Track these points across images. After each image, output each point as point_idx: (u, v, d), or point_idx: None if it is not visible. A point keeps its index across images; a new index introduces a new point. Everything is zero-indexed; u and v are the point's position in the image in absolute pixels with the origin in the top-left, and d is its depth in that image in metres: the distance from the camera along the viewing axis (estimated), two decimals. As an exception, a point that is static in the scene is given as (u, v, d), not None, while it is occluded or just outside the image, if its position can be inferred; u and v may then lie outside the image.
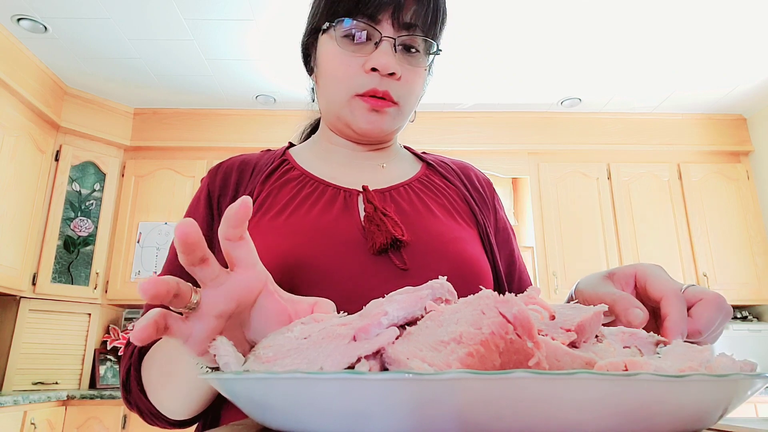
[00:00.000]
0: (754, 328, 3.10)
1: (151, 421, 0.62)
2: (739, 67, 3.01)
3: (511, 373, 0.23)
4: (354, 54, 0.65)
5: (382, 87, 0.65)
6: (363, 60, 0.65)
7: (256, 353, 0.43)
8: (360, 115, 0.67)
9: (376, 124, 0.67)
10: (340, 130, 0.72)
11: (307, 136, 0.84)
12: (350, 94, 0.66)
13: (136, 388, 0.60)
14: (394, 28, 0.65)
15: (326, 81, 0.68)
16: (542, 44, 2.81)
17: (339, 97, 0.67)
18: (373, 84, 0.65)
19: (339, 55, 0.66)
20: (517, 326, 0.29)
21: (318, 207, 0.65)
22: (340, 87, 0.66)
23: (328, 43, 0.67)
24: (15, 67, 2.76)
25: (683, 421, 0.27)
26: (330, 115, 0.71)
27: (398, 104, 0.67)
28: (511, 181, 3.62)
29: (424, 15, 0.66)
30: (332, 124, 0.73)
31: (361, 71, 0.65)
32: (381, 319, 0.34)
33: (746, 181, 3.44)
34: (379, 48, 0.64)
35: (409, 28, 0.66)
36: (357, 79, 0.65)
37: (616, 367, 0.30)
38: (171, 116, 3.48)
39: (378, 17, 0.64)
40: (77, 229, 3.14)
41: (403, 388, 0.24)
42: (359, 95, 0.66)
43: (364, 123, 0.67)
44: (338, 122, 0.70)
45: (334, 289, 0.58)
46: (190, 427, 0.65)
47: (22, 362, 2.84)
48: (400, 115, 0.69)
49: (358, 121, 0.67)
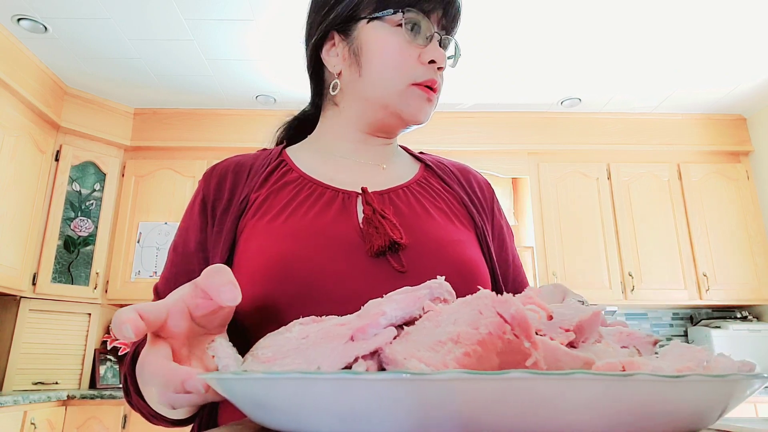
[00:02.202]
0: (753, 328, 3.10)
1: (153, 422, 0.63)
2: (739, 67, 3.01)
3: (508, 373, 0.23)
4: (410, 44, 0.67)
5: (438, 79, 0.69)
6: (419, 51, 0.67)
7: (254, 353, 0.43)
8: (415, 104, 0.68)
9: (426, 112, 0.70)
10: (378, 120, 0.71)
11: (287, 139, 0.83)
12: (407, 82, 0.67)
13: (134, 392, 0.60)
14: (439, 26, 0.69)
15: (378, 68, 0.68)
16: (542, 44, 2.81)
17: (394, 84, 0.67)
18: (431, 75, 0.67)
19: (400, 43, 0.67)
20: (515, 326, 0.29)
21: (315, 209, 0.65)
22: (397, 74, 0.67)
23: (381, 29, 0.67)
24: (15, 67, 2.76)
25: (681, 422, 0.27)
26: (372, 104, 0.70)
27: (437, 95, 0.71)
28: (511, 181, 3.62)
29: (457, 20, 0.71)
30: (368, 115, 0.71)
31: (418, 62, 0.67)
32: (379, 319, 0.34)
33: (746, 181, 3.44)
34: (432, 42, 0.68)
35: (447, 30, 0.70)
36: (416, 69, 0.67)
37: (613, 367, 0.30)
38: (171, 116, 3.48)
39: (431, 14, 0.68)
40: (77, 229, 3.14)
41: (399, 388, 0.24)
42: (416, 84, 0.67)
43: (418, 111, 0.69)
44: (382, 112, 0.70)
45: (332, 292, 0.58)
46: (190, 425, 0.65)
47: (22, 362, 2.84)
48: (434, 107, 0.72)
49: (412, 108, 0.68)
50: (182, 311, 0.42)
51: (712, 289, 3.20)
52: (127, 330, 0.37)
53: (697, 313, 3.48)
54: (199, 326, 0.44)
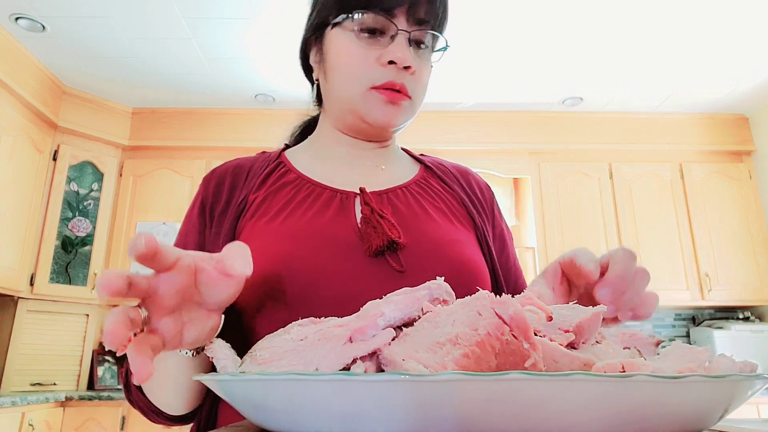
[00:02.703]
0: (755, 329, 3.09)
1: (153, 419, 0.64)
2: (741, 66, 3.01)
3: (506, 375, 0.23)
4: (370, 46, 0.66)
5: (399, 80, 0.65)
6: (379, 53, 0.65)
7: (252, 355, 0.43)
8: (376, 108, 0.66)
9: (391, 116, 0.67)
10: (351, 125, 0.71)
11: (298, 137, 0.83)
12: (366, 87, 0.66)
13: (134, 388, 0.61)
14: (408, 22, 0.66)
15: (339, 74, 0.67)
16: (543, 43, 2.81)
17: (354, 89, 0.66)
18: (390, 76, 0.65)
19: (355, 47, 0.66)
20: (514, 327, 0.28)
21: (314, 210, 0.65)
22: (356, 79, 0.66)
23: (342, 35, 0.67)
24: (13, 67, 2.76)
25: (682, 422, 0.27)
26: (340, 110, 0.70)
27: (411, 98, 0.68)
28: (512, 181, 3.62)
29: (434, 11, 0.67)
30: (341, 120, 0.72)
31: (377, 64, 0.65)
32: (377, 320, 0.34)
33: (748, 180, 3.43)
34: (396, 41, 0.65)
35: (422, 24, 0.67)
36: (374, 72, 0.65)
37: (613, 368, 0.29)
38: (170, 116, 3.48)
39: (394, 11, 0.65)
40: (75, 229, 3.13)
41: (398, 389, 0.24)
42: (375, 87, 0.66)
43: (380, 115, 0.67)
44: (350, 117, 0.69)
45: (330, 292, 0.58)
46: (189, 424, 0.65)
47: (20, 363, 2.83)
48: (412, 110, 0.69)
49: (374, 113, 0.67)
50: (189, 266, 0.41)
51: (715, 290, 3.19)
52: (140, 242, 0.36)
53: (700, 314, 3.47)
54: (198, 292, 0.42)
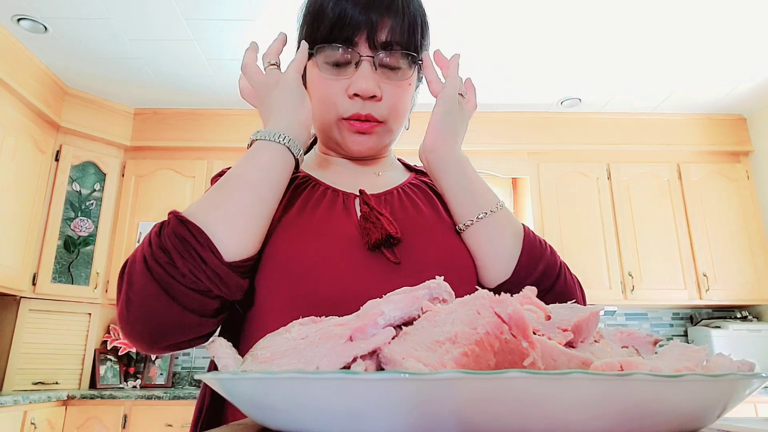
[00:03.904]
0: (753, 328, 3.10)
1: (194, 267, 0.52)
2: (739, 66, 3.01)
3: (505, 373, 0.23)
4: (337, 78, 0.68)
5: (365, 110, 0.68)
6: (346, 84, 0.67)
7: (253, 353, 0.43)
8: (347, 137, 0.70)
9: (363, 144, 0.70)
10: (333, 149, 0.75)
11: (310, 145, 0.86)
12: (336, 118, 0.69)
13: (187, 219, 0.54)
14: (370, 48, 0.67)
15: (315, 104, 0.70)
16: (542, 44, 2.81)
17: (327, 120, 0.70)
18: (355, 108, 0.67)
19: (323, 80, 0.69)
20: (512, 326, 0.29)
21: (320, 208, 0.67)
22: (327, 111, 0.69)
23: (313, 69, 0.70)
24: (15, 67, 2.76)
25: (680, 421, 0.27)
26: (322, 135, 0.75)
27: (384, 122, 0.70)
28: (510, 181, 3.62)
29: (400, 31, 0.67)
30: (325, 143, 0.76)
31: (345, 96, 0.68)
32: (377, 319, 0.34)
33: (746, 181, 3.44)
34: (359, 70, 0.66)
35: (387, 47, 0.67)
36: (341, 104, 0.68)
37: (611, 367, 0.30)
38: (171, 116, 3.48)
39: (354, 40, 0.66)
40: (77, 229, 3.14)
41: (398, 388, 0.24)
42: (345, 119, 0.68)
43: (352, 144, 0.70)
44: (330, 142, 0.74)
45: (330, 284, 0.59)
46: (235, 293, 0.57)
47: (22, 362, 2.84)
48: (388, 132, 0.72)
49: (347, 142, 0.70)
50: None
51: (712, 289, 3.20)
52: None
53: (697, 313, 3.48)
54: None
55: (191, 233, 0.53)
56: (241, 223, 0.56)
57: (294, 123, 0.63)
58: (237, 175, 0.59)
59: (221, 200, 0.57)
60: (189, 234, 0.53)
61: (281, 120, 0.63)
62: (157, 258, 0.52)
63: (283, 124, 0.62)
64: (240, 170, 0.59)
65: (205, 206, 0.56)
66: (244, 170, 0.59)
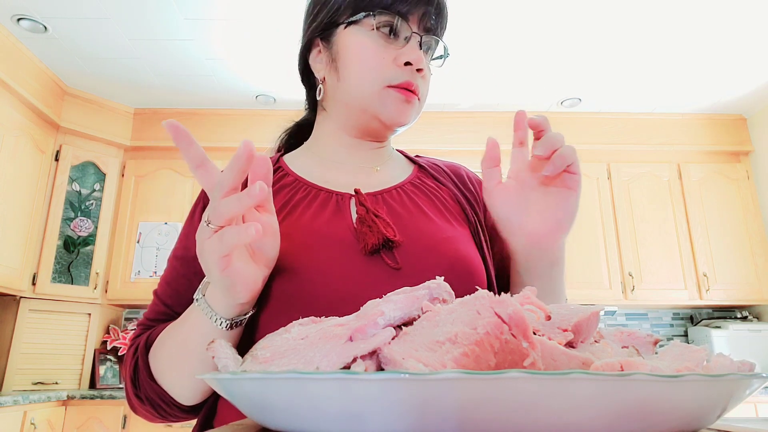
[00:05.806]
0: (753, 328, 3.10)
1: (163, 414, 0.63)
2: (740, 67, 3.01)
3: (505, 373, 0.23)
4: (386, 46, 0.68)
5: (414, 80, 0.68)
6: (394, 53, 0.67)
7: (253, 354, 0.43)
8: (392, 105, 0.68)
9: (405, 114, 0.69)
10: (359, 123, 0.72)
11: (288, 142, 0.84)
12: (382, 85, 0.67)
13: (146, 378, 0.61)
14: (419, 27, 0.69)
15: (355, 71, 0.68)
16: (542, 44, 2.81)
17: (369, 87, 0.68)
18: (407, 77, 0.67)
19: (373, 45, 0.67)
20: (513, 326, 0.29)
21: (310, 211, 0.66)
22: (372, 77, 0.67)
23: (358, 33, 0.68)
24: (15, 67, 2.76)
25: (680, 421, 0.27)
26: (352, 108, 0.71)
27: (420, 99, 0.70)
28: (511, 181, 3.62)
29: (441, 20, 0.70)
30: (351, 118, 0.72)
31: (393, 64, 0.67)
32: (377, 319, 0.34)
33: (746, 181, 3.44)
34: (410, 44, 0.68)
35: (429, 31, 0.70)
36: (391, 71, 0.67)
37: (611, 367, 0.30)
38: (171, 116, 3.48)
39: (409, 16, 0.67)
40: (77, 229, 3.14)
41: (398, 388, 0.24)
42: (392, 86, 0.67)
43: (395, 112, 0.68)
44: (362, 115, 0.70)
45: (328, 291, 0.59)
46: (195, 417, 0.65)
47: (22, 362, 2.84)
48: (419, 111, 0.72)
49: (390, 110, 0.68)
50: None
51: (713, 289, 3.20)
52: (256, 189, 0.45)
53: (698, 313, 3.48)
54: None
55: (151, 399, 0.62)
56: (193, 385, 0.60)
57: (229, 307, 0.54)
58: (182, 342, 0.58)
59: (172, 366, 0.60)
60: (158, 398, 0.62)
61: (216, 295, 0.54)
62: (139, 405, 0.64)
63: (218, 302, 0.54)
64: (185, 335, 0.57)
65: (163, 366, 0.60)
66: (188, 335, 0.57)
